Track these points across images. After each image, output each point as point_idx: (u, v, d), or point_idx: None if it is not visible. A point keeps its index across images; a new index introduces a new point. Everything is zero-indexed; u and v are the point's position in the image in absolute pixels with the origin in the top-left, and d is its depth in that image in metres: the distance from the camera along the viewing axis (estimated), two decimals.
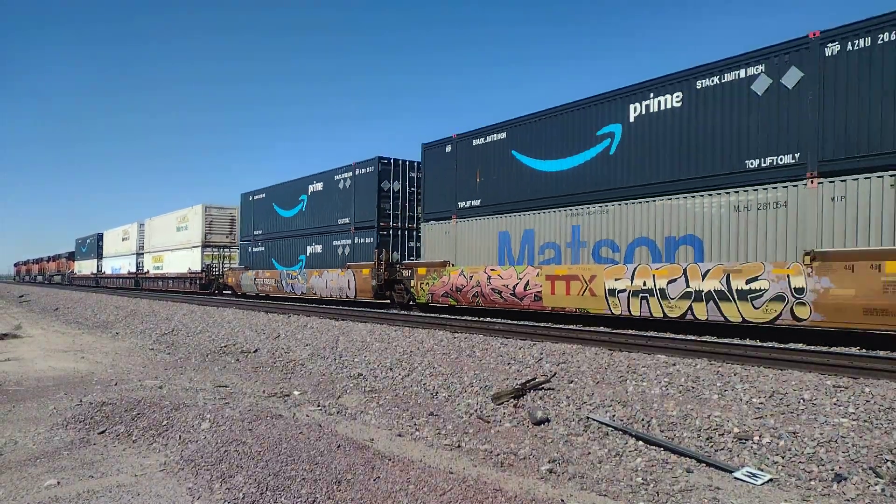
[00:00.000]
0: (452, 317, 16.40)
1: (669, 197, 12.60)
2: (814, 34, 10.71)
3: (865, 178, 9.98)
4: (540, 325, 14.10)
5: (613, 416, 7.19)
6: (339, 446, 5.90)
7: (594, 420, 7.10)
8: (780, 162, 11.05)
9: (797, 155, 10.85)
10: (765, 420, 6.49)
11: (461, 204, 17.59)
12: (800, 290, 10.46)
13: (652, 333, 11.99)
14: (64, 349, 15.36)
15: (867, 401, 6.73)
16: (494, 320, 14.83)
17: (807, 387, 7.37)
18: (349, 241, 21.75)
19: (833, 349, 9.96)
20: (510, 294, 15.69)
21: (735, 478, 5.50)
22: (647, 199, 13.01)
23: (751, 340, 11.15)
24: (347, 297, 21.56)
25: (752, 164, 11.40)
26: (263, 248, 27.55)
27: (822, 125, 10.53)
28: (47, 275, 75.66)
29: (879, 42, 9.92)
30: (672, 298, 12.23)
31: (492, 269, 16.29)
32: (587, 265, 14.00)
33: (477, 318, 15.56)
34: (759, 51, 11.38)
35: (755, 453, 5.94)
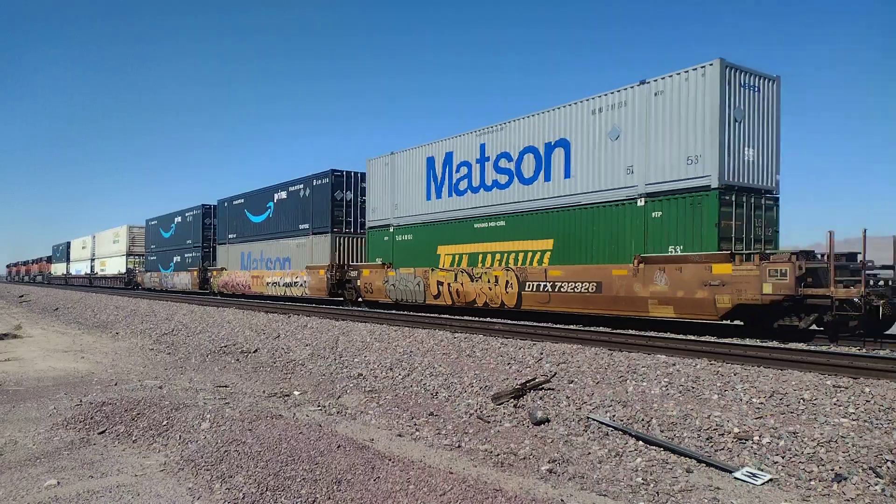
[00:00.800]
0: (450, 317, 16.42)
1: (286, 239, 26.29)
2: (319, 174, 24.31)
3: (326, 235, 23.37)
4: (540, 325, 14.10)
5: (613, 416, 7.19)
6: (339, 446, 5.90)
7: (594, 420, 7.10)
8: (306, 227, 24.73)
9: (309, 225, 24.56)
10: (765, 420, 6.49)
11: (230, 236, 31.71)
12: (305, 282, 24.18)
13: (652, 333, 12.00)
14: (64, 349, 15.36)
15: (867, 401, 6.73)
16: (494, 320, 14.84)
17: (807, 387, 7.37)
18: (191, 254, 36.05)
19: (833, 349, 9.96)
20: (242, 285, 29.70)
21: (735, 478, 5.50)
22: (281, 239, 26.77)
23: (751, 340, 11.14)
24: (189, 288, 35.50)
25: (301, 227, 25.09)
26: (155, 257, 41.62)
27: (315, 212, 24.27)
28: (32, 275, 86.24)
29: (315, 185, 24.57)
30: (282, 286, 26.09)
31: (237, 272, 30.56)
32: (262, 270, 28.11)
33: (476, 318, 15.57)
34: (305, 177, 25.07)
35: (755, 453, 5.94)
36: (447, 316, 16.94)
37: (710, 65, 12.09)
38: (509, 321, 14.80)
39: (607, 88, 14.10)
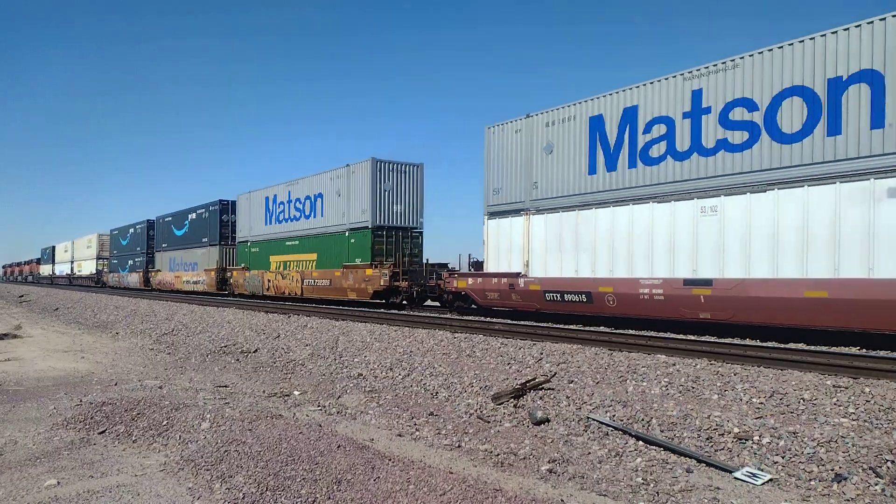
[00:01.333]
0: (448, 316, 16.43)
1: (195, 248, 34.47)
2: (213, 202, 32.83)
3: (216, 246, 31.82)
4: (540, 325, 14.10)
5: (613, 416, 7.19)
6: (339, 446, 5.90)
7: (594, 420, 7.10)
8: (206, 240, 32.96)
9: (207, 238, 32.82)
10: (765, 420, 6.49)
11: (163, 245, 39.82)
12: (203, 280, 33.16)
13: (652, 333, 12.01)
14: (64, 349, 15.36)
15: (867, 401, 6.73)
16: (494, 320, 14.84)
17: (807, 387, 7.37)
18: (140, 259, 44.36)
19: (833, 349, 9.97)
20: (169, 283, 37.73)
21: (735, 478, 5.50)
22: (192, 249, 34.83)
23: (751, 340, 11.15)
24: (138, 286, 43.58)
25: (203, 240, 33.31)
26: (117, 261, 50.76)
27: (211, 230, 32.80)
28: (24, 275, 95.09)
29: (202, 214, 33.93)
30: (192, 283, 34.51)
31: (166, 273, 38.64)
32: (181, 272, 36.30)
33: (476, 318, 15.58)
34: (205, 203, 33.58)
35: (755, 453, 5.94)
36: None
37: (367, 161, 21.82)
38: (509, 321, 14.85)
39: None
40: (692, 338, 11.56)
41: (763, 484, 5.35)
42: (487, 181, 17.48)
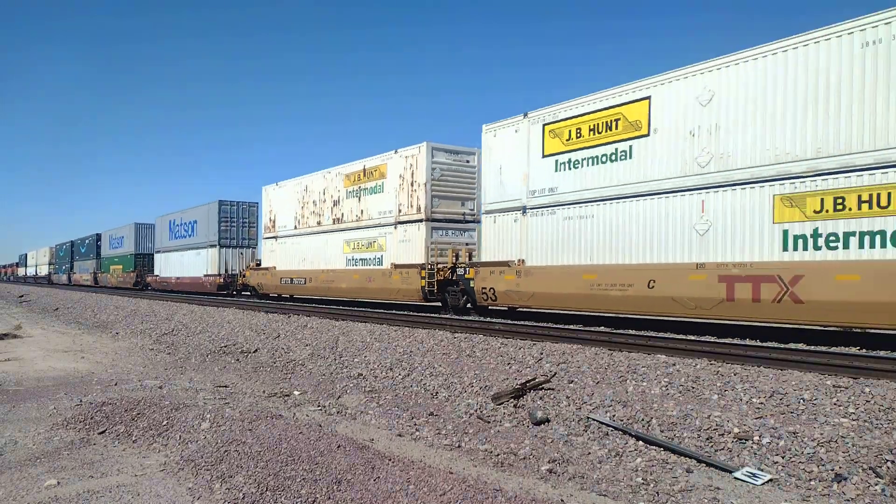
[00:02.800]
0: (451, 317, 16.44)
1: (87, 261, 59.13)
2: (89, 235, 58.24)
3: (94, 259, 56.19)
4: (540, 325, 14.11)
5: (613, 416, 7.19)
6: (339, 446, 5.90)
7: (594, 420, 7.10)
8: (91, 255, 57.54)
9: (92, 255, 56.79)
10: (765, 420, 6.49)
11: (76, 258, 62.21)
12: (89, 279, 58.12)
13: (652, 333, 12.01)
14: (64, 349, 15.36)
15: (867, 401, 6.73)
16: (494, 320, 14.84)
17: (807, 387, 7.37)
18: (68, 265, 64.19)
19: (833, 349, 9.97)
20: (79, 280, 59.12)
21: (735, 478, 5.50)
22: (87, 261, 59.59)
23: (751, 340, 11.15)
24: (67, 283, 63.06)
25: (90, 255, 57.90)
26: (58, 266, 69.45)
27: (93, 250, 57.57)
28: (7, 275, 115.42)
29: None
30: (85, 280, 59.56)
31: (77, 274, 61.09)
32: (83, 274, 60.21)
33: (477, 318, 15.59)
34: (92, 234, 56.73)
35: (755, 453, 5.94)
36: (446, 316, 17.11)
37: (131, 224, 45.48)
38: (509, 321, 14.85)
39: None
40: (692, 338, 11.56)
41: (763, 484, 5.35)
42: (157, 237, 40.58)
